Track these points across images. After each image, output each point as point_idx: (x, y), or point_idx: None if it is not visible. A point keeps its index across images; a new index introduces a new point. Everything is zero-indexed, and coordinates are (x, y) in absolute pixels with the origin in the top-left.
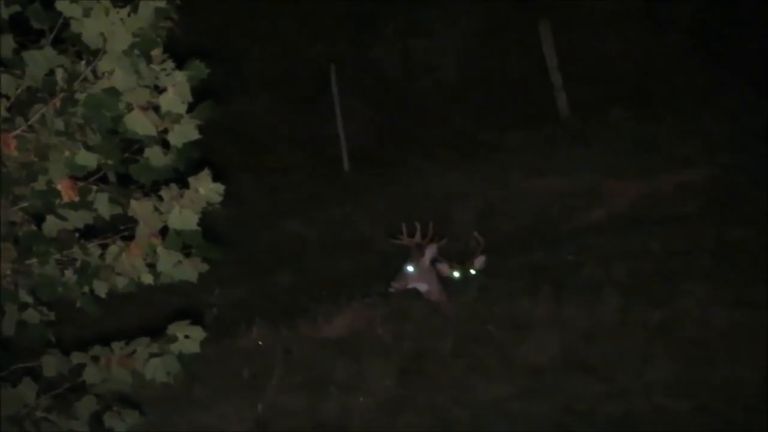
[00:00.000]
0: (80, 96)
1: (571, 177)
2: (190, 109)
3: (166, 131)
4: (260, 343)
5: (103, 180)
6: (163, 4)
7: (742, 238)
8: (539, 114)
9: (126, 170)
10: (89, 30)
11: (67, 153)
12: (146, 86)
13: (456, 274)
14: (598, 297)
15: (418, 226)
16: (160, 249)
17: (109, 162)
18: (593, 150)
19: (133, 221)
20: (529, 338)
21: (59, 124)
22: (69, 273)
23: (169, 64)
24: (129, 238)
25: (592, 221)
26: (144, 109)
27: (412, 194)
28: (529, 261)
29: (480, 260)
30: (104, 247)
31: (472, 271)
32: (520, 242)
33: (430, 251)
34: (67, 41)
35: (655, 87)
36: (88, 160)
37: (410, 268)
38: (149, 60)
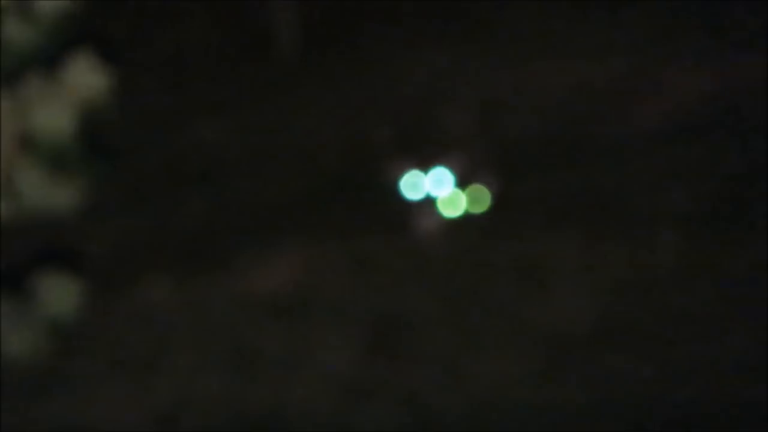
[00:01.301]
0: None
1: (607, 63)
2: None
3: None
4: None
5: None
6: None
7: None
8: None
9: None
10: None
11: None
12: None
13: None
14: (647, 236)
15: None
16: (19, 165)
17: None
18: (639, 25)
19: None
20: (549, 296)
21: None
22: None
23: None
24: None
25: (637, 127)
26: None
27: (377, 87)
28: (550, 185)
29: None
30: None
31: (472, 200)
32: (536, 157)
33: None
34: None
35: None
36: None
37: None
38: None
